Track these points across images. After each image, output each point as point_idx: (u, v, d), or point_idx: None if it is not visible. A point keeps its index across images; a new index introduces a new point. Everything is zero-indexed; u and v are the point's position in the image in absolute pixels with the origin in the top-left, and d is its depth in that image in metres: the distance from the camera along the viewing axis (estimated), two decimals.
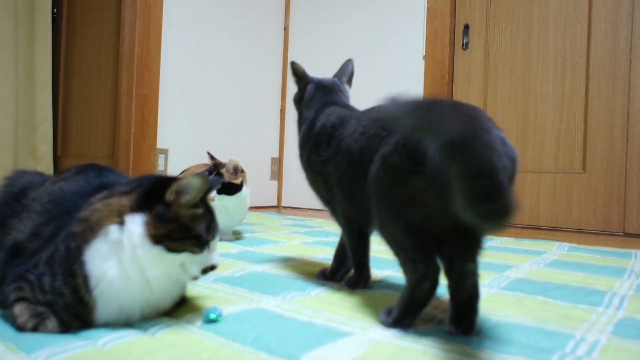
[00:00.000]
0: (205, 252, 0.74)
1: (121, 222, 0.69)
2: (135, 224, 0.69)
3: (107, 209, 0.71)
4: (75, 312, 0.69)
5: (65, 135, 3.52)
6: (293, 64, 1.16)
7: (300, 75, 1.16)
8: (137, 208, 0.70)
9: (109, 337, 0.66)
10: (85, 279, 0.68)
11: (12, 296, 0.70)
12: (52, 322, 0.68)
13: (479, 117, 0.72)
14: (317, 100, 1.12)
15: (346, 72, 1.20)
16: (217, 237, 0.77)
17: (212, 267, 0.75)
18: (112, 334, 0.67)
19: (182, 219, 0.71)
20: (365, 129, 0.89)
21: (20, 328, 0.67)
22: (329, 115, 1.04)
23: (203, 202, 0.76)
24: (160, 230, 0.69)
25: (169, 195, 0.71)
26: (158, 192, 0.71)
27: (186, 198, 0.72)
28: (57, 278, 0.70)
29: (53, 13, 3.44)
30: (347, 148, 0.92)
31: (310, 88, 1.14)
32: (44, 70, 3.28)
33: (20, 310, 0.69)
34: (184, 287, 0.81)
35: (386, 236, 0.79)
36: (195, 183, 0.70)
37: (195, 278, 0.74)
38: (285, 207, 3.40)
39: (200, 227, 0.72)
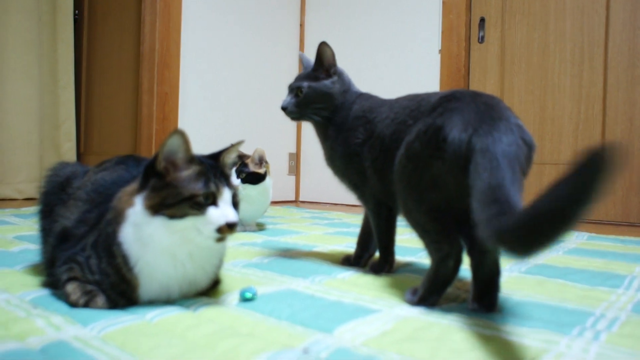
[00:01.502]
0: (211, 211, 0.72)
1: (133, 205, 0.74)
2: (138, 202, 0.73)
3: (125, 195, 0.77)
4: (120, 290, 0.75)
5: (88, 132, 3.61)
6: (325, 44, 1.09)
7: (332, 60, 1.11)
8: (141, 188, 0.74)
9: (155, 313, 0.71)
10: (124, 258, 0.73)
11: (65, 276, 0.76)
12: (101, 299, 0.74)
13: (496, 107, 0.76)
14: (353, 87, 1.14)
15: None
16: (226, 194, 0.75)
17: (230, 226, 0.73)
18: (157, 310, 0.72)
19: (176, 183, 0.72)
20: (396, 115, 0.93)
21: (73, 304, 0.73)
22: (366, 100, 1.08)
23: (200, 162, 0.75)
24: (154, 200, 0.72)
25: (159, 165, 0.73)
26: (154, 167, 0.74)
27: (179, 156, 0.73)
28: (103, 260, 0.75)
29: (75, 14, 3.53)
30: (379, 133, 0.97)
31: (346, 75, 1.14)
32: (66, 70, 3.37)
33: (72, 288, 0.74)
34: (218, 265, 0.84)
35: (411, 220, 0.83)
36: (174, 138, 0.72)
37: (220, 240, 0.73)
38: (303, 202, 3.45)
39: (195, 186, 0.72)
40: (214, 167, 0.76)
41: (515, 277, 1.04)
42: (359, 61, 3.19)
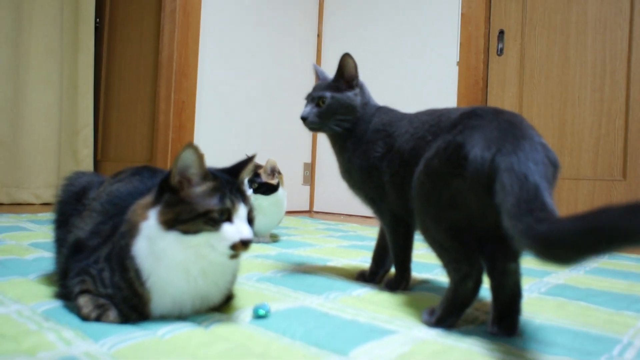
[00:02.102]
0: (226, 227, 0.71)
1: (147, 218, 0.73)
2: (152, 216, 0.72)
3: (140, 208, 0.76)
4: (132, 305, 0.74)
5: (105, 139, 3.65)
6: (348, 56, 1.06)
7: (355, 72, 1.09)
8: (155, 202, 0.73)
9: (167, 329, 0.70)
10: (137, 272, 0.72)
11: (77, 288, 0.75)
12: (113, 313, 0.73)
13: (519, 125, 0.74)
14: (372, 101, 1.12)
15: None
16: (241, 210, 0.74)
17: (244, 243, 0.71)
18: (169, 326, 0.71)
19: (189, 199, 0.71)
20: (415, 130, 0.92)
21: (85, 318, 0.72)
22: (386, 113, 1.06)
23: (215, 178, 0.74)
24: (168, 215, 0.71)
25: (173, 179, 0.72)
26: (168, 182, 0.73)
27: (192, 172, 0.72)
28: (115, 273, 0.74)
29: (96, 23, 3.59)
30: (399, 147, 0.95)
31: (366, 88, 1.12)
32: (86, 77, 3.41)
33: (84, 301, 0.73)
34: (231, 281, 0.82)
35: (429, 238, 0.81)
36: (187, 152, 0.71)
37: (234, 256, 0.72)
38: (317, 212, 3.43)
39: (210, 202, 0.71)
40: (230, 183, 0.75)
41: (535, 298, 1.01)
42: (376, 72, 3.18)
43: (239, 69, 3.02)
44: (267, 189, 1.64)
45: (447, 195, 0.76)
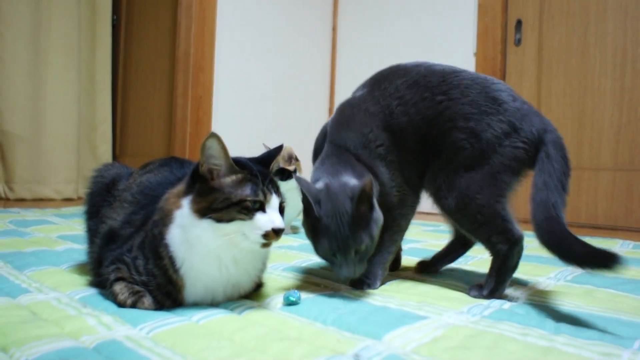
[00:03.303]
0: (258, 216, 0.72)
1: (180, 207, 0.74)
2: (185, 205, 0.73)
3: (173, 197, 0.77)
4: (166, 291, 0.75)
5: (123, 135, 3.69)
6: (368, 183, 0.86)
7: (371, 194, 0.87)
8: (188, 191, 0.75)
9: (201, 315, 0.71)
10: (171, 259, 0.74)
11: (112, 276, 0.77)
12: (148, 300, 0.74)
13: (528, 102, 0.90)
14: (330, 159, 1.00)
15: None
16: (274, 200, 0.75)
17: (276, 232, 0.72)
18: (203, 312, 0.72)
19: (222, 188, 0.72)
20: (411, 97, 0.96)
21: (121, 304, 0.73)
22: (351, 117, 1.01)
23: (244, 167, 0.75)
24: (202, 204, 0.72)
25: (202, 168, 0.73)
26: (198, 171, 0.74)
27: (215, 162, 0.73)
28: (149, 261, 0.76)
29: (113, 19, 3.62)
30: (408, 121, 0.94)
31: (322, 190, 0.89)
32: (104, 74, 3.45)
33: (120, 288, 0.75)
34: (261, 269, 0.84)
35: (472, 209, 0.85)
36: (208, 142, 0.72)
37: (265, 245, 0.73)
38: None
39: (243, 192, 0.72)
40: (263, 174, 0.76)
41: (562, 285, 1.00)
42: (392, 63, 3.16)
43: (255, 62, 3.03)
44: (284, 175, 1.65)
45: (498, 161, 0.85)
